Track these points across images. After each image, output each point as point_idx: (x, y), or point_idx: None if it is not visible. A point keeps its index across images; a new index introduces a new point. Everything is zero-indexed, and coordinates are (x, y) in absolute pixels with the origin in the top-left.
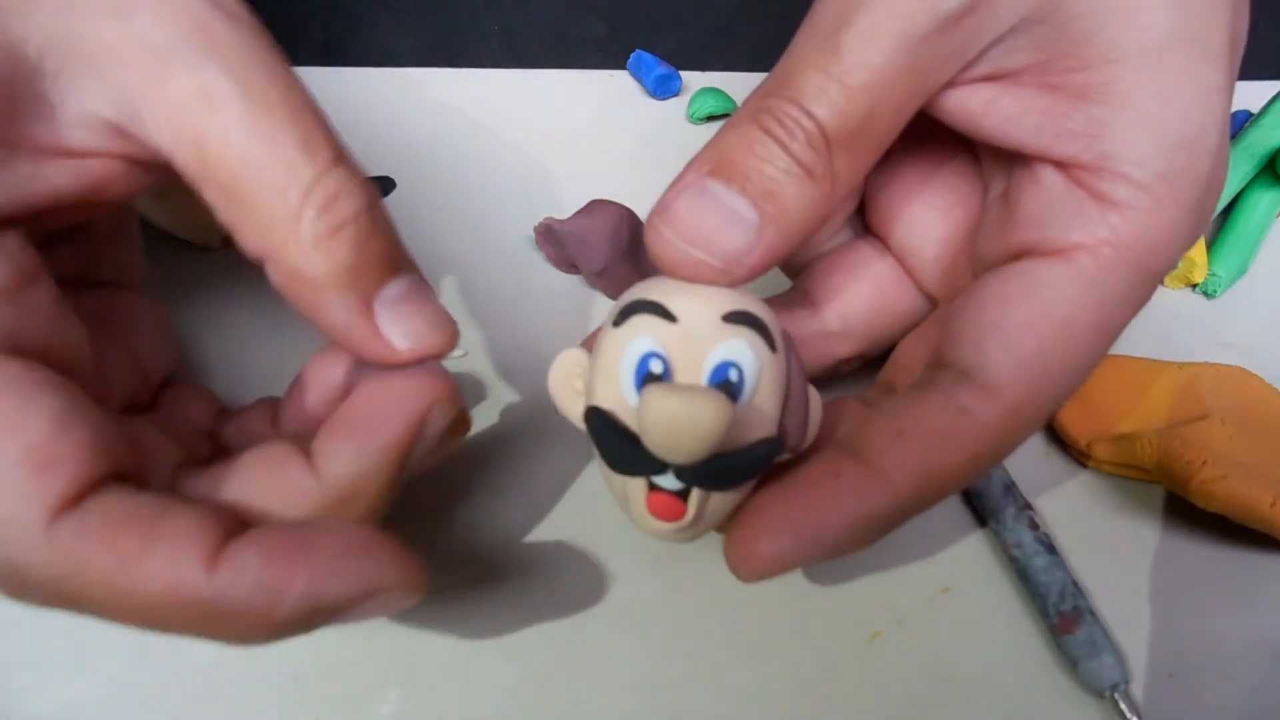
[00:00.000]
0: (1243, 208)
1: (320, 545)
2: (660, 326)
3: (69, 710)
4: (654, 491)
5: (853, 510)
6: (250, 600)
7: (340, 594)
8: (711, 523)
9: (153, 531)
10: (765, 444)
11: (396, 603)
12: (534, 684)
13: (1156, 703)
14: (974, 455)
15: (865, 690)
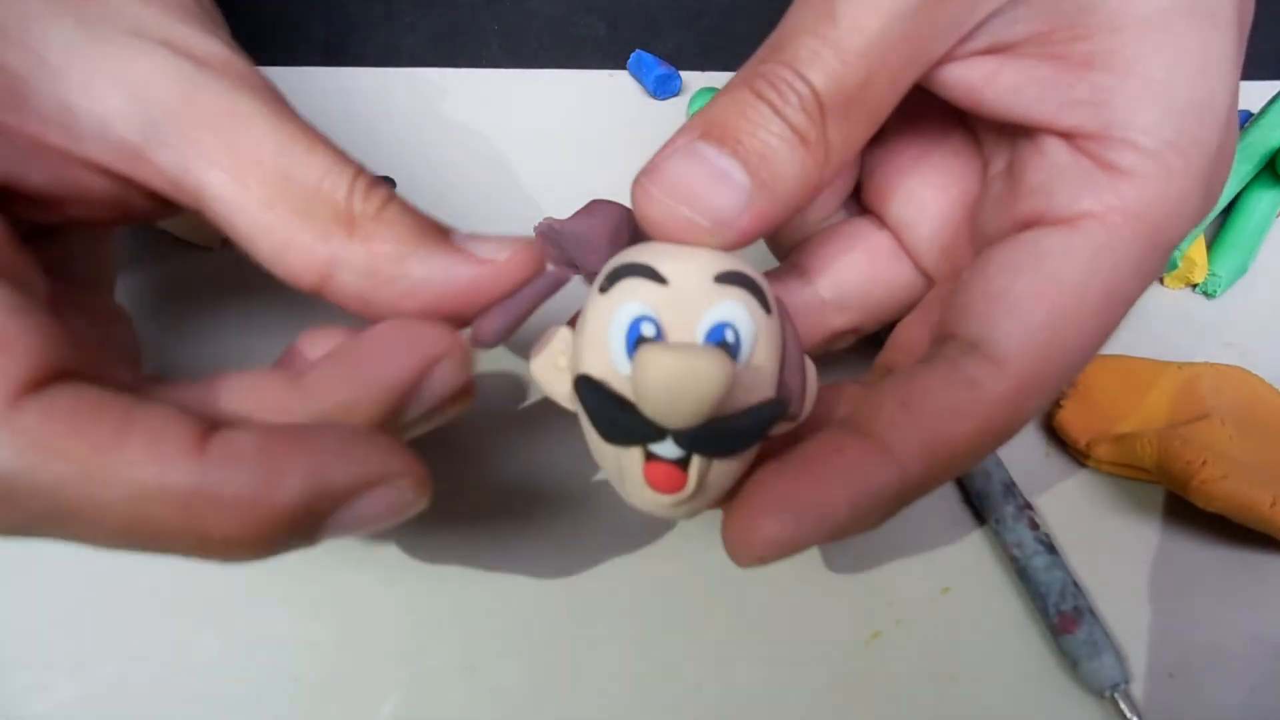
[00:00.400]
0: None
1: (320, 432)
2: (650, 289)
3: (69, 710)
4: (651, 462)
5: (858, 487)
6: (245, 484)
7: (345, 478)
8: (713, 496)
9: (129, 416)
10: (769, 405)
11: (404, 498)
12: (534, 684)
13: (1156, 703)
14: (983, 428)
15: (865, 690)
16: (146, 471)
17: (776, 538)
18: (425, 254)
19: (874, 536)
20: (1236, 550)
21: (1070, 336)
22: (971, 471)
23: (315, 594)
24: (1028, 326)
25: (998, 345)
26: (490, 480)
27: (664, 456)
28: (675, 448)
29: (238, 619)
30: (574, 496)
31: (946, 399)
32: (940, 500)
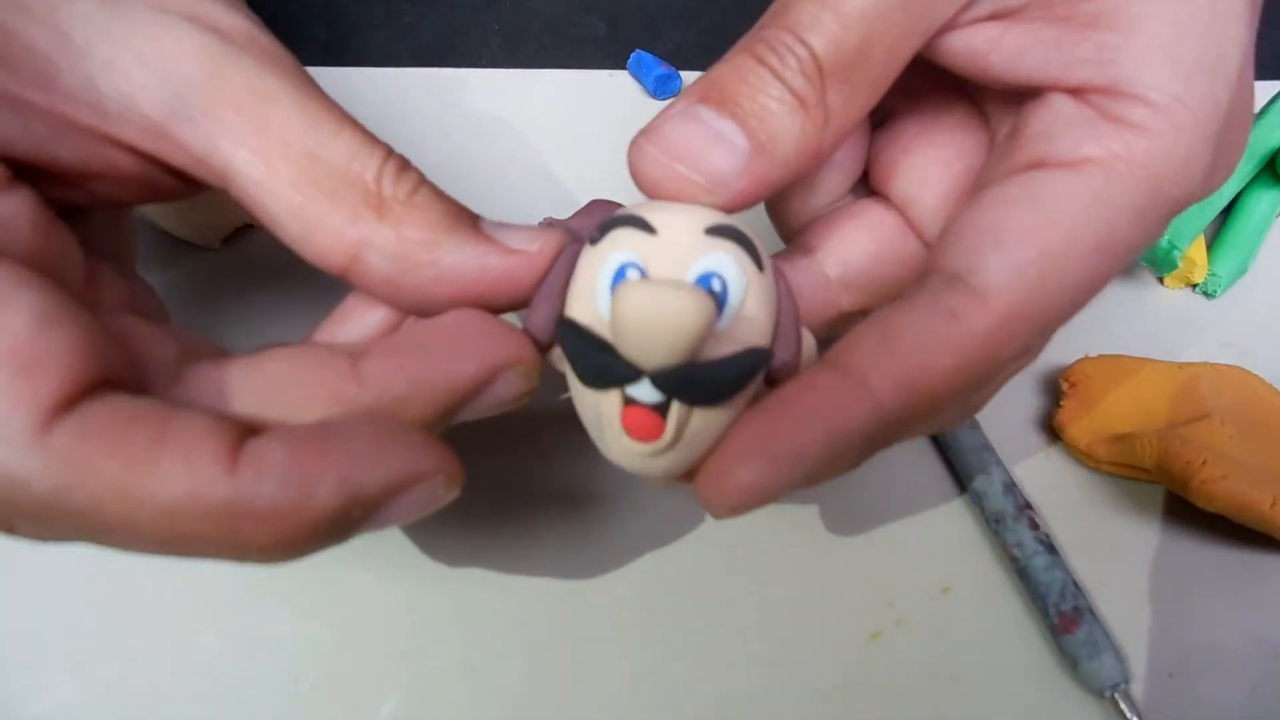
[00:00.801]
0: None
1: (351, 435)
2: (639, 239)
3: (69, 710)
4: (629, 406)
5: (831, 424)
6: (279, 497)
7: (378, 483)
8: (693, 453)
9: (162, 431)
10: (752, 354)
11: (436, 495)
12: (534, 684)
13: (1156, 703)
14: (962, 362)
15: (865, 690)
16: (180, 489)
17: (749, 484)
18: (457, 242)
19: (874, 536)
20: (1236, 550)
21: (1060, 276)
22: (972, 473)
23: (315, 594)
24: (1015, 260)
25: (982, 277)
26: (491, 480)
27: (642, 400)
28: (654, 392)
29: (238, 619)
30: (575, 497)
31: (925, 331)
32: (940, 500)
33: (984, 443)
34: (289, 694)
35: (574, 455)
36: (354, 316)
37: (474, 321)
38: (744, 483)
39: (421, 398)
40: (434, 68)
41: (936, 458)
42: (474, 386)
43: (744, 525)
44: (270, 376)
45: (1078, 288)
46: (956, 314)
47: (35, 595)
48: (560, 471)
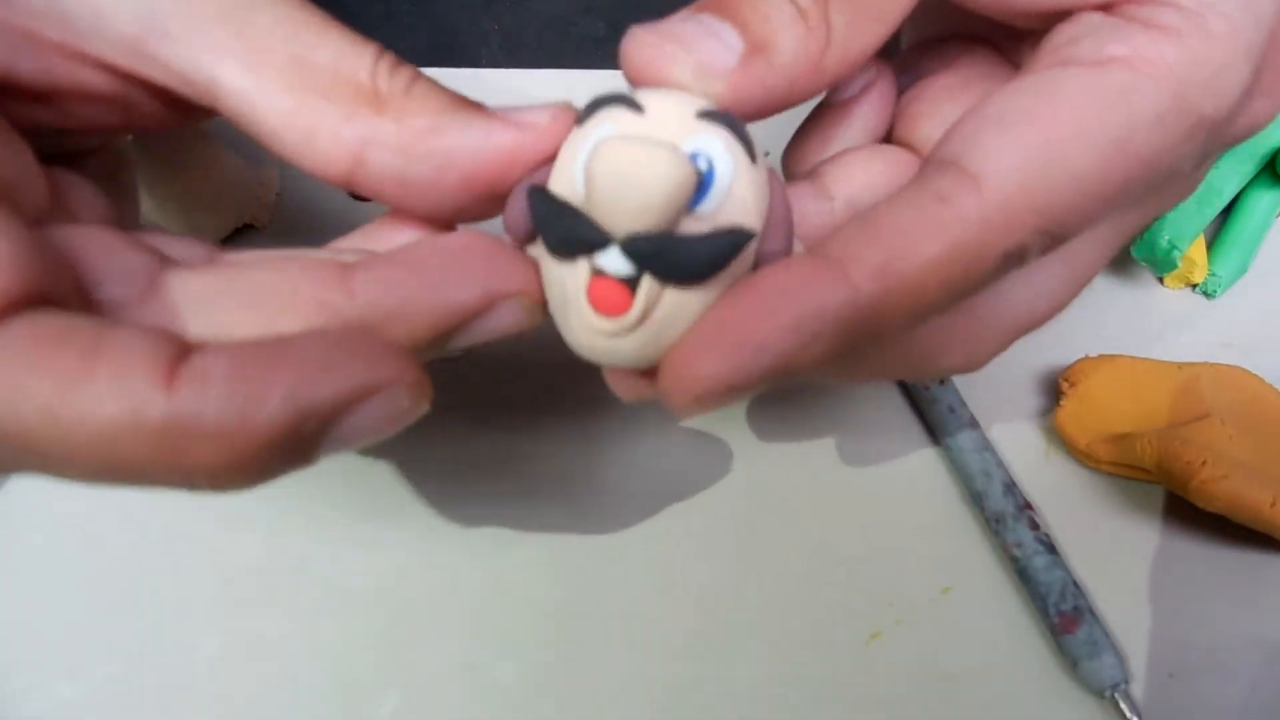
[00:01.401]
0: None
1: (303, 345)
2: (626, 117)
3: (69, 710)
4: (597, 278)
5: (801, 309)
6: (221, 413)
7: (331, 394)
8: (661, 338)
9: (95, 348)
10: (733, 233)
11: (398, 408)
12: (534, 684)
13: (1156, 703)
14: (949, 250)
15: (865, 690)
16: (114, 408)
17: (711, 373)
18: (462, 122)
19: (874, 536)
20: (1236, 550)
21: (1065, 169)
22: (972, 473)
23: (315, 594)
24: (1016, 145)
25: (978, 160)
26: (491, 480)
27: (611, 271)
28: (624, 263)
29: (238, 619)
30: (574, 497)
31: (910, 216)
32: (940, 500)
33: (984, 443)
34: (289, 694)
35: (575, 456)
36: (377, 236)
37: (481, 244)
38: (706, 372)
39: (413, 316)
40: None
41: (937, 458)
42: (470, 311)
43: (744, 525)
44: (253, 284)
45: (1087, 184)
46: (947, 198)
47: (35, 595)
48: (561, 471)
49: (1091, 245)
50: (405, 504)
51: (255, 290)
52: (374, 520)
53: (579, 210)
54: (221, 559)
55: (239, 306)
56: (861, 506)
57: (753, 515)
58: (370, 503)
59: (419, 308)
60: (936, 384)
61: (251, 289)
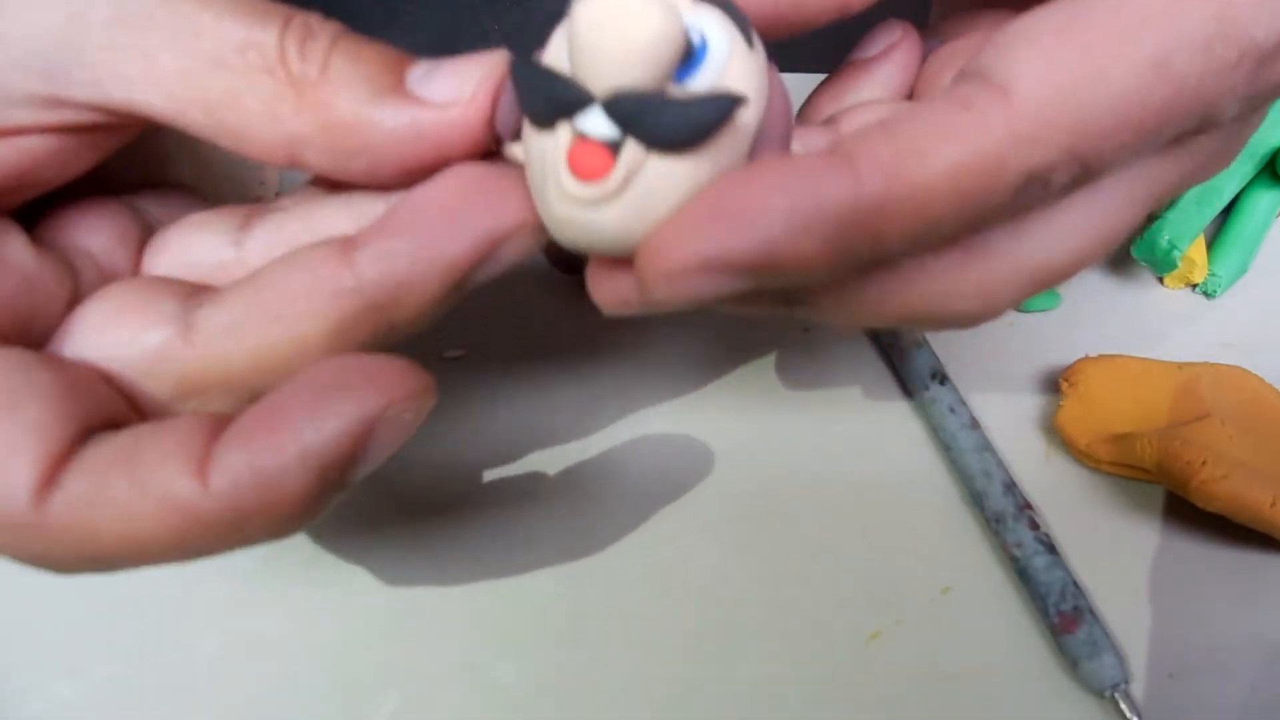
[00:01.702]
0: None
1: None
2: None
3: (69, 710)
4: (578, 142)
5: (798, 194)
6: (256, 492)
7: (339, 438)
8: (643, 213)
9: (136, 467)
10: (722, 98)
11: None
12: (534, 684)
13: (1156, 703)
14: (968, 155)
15: (865, 690)
16: (171, 516)
17: (694, 250)
18: (382, 113)
19: (874, 537)
20: (1236, 550)
21: (1101, 87)
22: (972, 473)
23: (315, 594)
24: (1050, 58)
25: (1007, 71)
26: (490, 481)
27: (592, 134)
28: (607, 125)
29: (238, 619)
30: (575, 497)
31: (930, 119)
32: (940, 500)
33: (984, 443)
34: (289, 694)
35: (575, 456)
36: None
37: (469, 185)
38: (688, 248)
39: (422, 280)
40: None
41: (937, 458)
42: (476, 259)
43: (744, 525)
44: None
45: (1124, 106)
46: (971, 105)
47: (35, 595)
48: (560, 472)
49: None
50: (405, 504)
51: (273, 304)
52: (374, 521)
53: (560, 73)
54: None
55: (266, 324)
56: (861, 506)
57: (753, 515)
58: (370, 503)
59: (425, 271)
60: (936, 383)
61: (269, 304)
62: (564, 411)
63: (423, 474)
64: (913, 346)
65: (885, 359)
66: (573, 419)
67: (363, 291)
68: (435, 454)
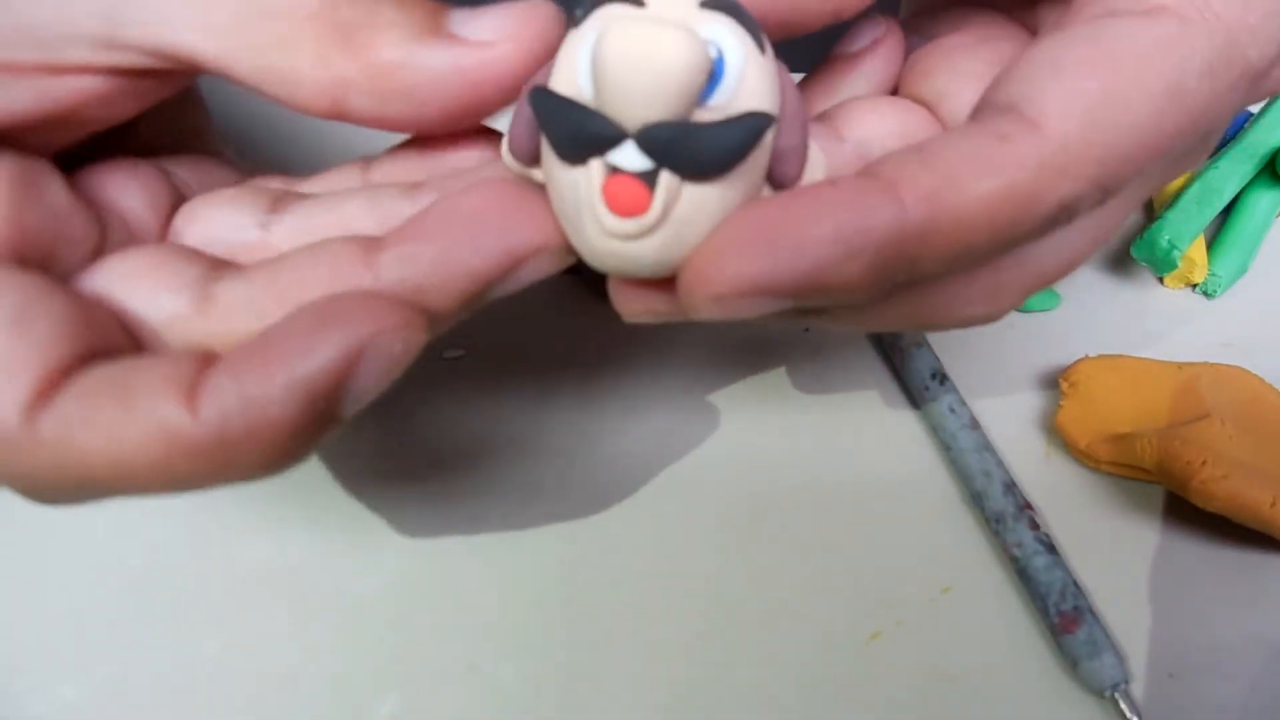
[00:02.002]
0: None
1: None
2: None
3: (69, 710)
4: (613, 177)
5: (845, 221)
6: (243, 420)
7: (327, 365)
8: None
9: (127, 392)
10: (754, 118)
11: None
12: (534, 684)
13: (1156, 703)
14: (1005, 189)
15: (865, 690)
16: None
17: (743, 272)
18: (424, 56)
19: (874, 537)
20: (1236, 550)
21: (1122, 117)
22: (972, 473)
23: (315, 594)
24: (1076, 92)
25: (1038, 105)
26: (490, 481)
27: (627, 168)
28: (640, 157)
29: (238, 619)
30: (575, 497)
31: (968, 150)
32: (940, 500)
33: (984, 443)
34: (289, 694)
35: (575, 456)
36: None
37: (498, 201)
38: (736, 270)
39: (440, 290)
40: None
41: (937, 458)
42: (497, 275)
43: (744, 525)
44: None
45: (1143, 134)
46: (1006, 138)
47: (35, 595)
48: (561, 472)
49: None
50: (405, 504)
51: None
52: (374, 521)
53: (587, 106)
54: (222, 560)
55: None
56: (862, 506)
57: (752, 515)
58: (370, 503)
59: (444, 279)
60: (936, 383)
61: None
62: (564, 411)
63: (422, 474)
64: (913, 346)
65: (885, 359)
66: (573, 419)
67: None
68: (435, 454)
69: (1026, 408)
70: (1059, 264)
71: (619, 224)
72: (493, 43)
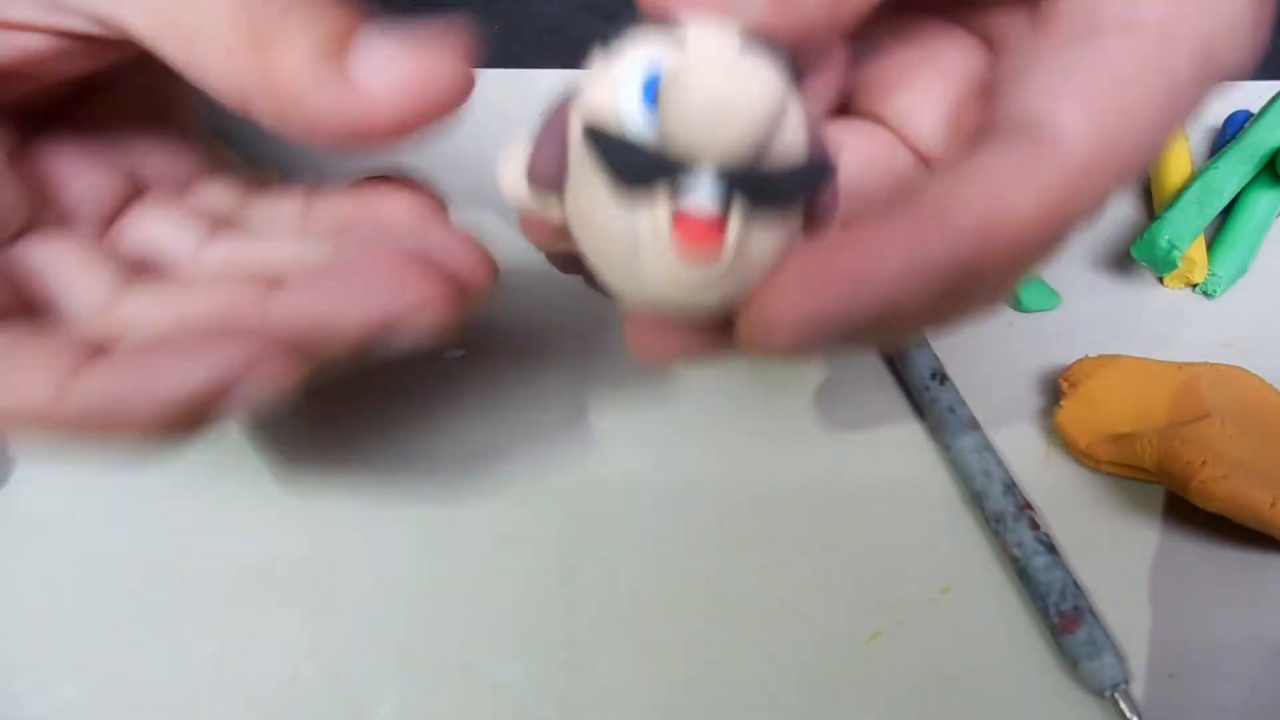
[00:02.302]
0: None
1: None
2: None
3: (69, 710)
4: (682, 217)
5: (910, 253)
6: (105, 417)
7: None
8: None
9: (10, 362)
10: (819, 163)
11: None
12: (534, 684)
13: (1156, 703)
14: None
15: (865, 690)
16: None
17: (811, 311)
18: (320, 87)
19: (874, 536)
20: (1236, 550)
21: (1132, 126)
22: (972, 473)
23: (315, 594)
24: (1090, 109)
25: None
26: (490, 480)
27: (700, 209)
28: (711, 196)
29: (238, 619)
30: (575, 496)
31: (1006, 172)
32: (940, 500)
33: (984, 443)
34: (289, 694)
35: (574, 456)
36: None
37: (389, 266)
38: (805, 309)
39: (320, 337)
40: None
41: (937, 458)
42: (373, 330)
43: (744, 526)
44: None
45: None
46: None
47: (35, 595)
48: (561, 473)
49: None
50: (405, 504)
51: (193, 312)
52: (374, 520)
53: (653, 146)
54: (222, 559)
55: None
56: (861, 507)
57: (753, 515)
58: (370, 502)
59: (325, 330)
60: (937, 384)
61: (191, 311)
62: (564, 411)
63: (422, 473)
64: (913, 347)
65: (885, 359)
66: (572, 419)
67: (268, 331)
68: (435, 453)
69: (1026, 408)
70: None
71: (692, 270)
72: (380, 97)
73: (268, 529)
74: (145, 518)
